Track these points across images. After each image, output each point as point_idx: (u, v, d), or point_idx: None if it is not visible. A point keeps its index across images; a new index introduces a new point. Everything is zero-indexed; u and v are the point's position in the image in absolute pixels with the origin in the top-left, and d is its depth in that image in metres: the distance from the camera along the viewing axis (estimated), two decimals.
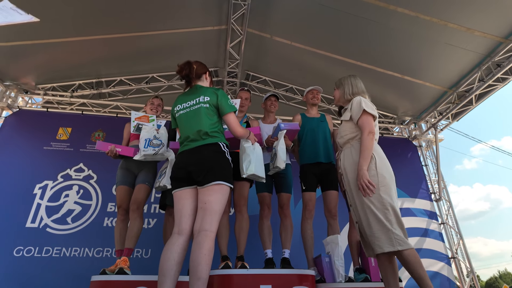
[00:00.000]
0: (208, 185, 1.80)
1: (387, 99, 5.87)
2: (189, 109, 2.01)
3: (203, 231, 1.72)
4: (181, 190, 1.88)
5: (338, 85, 2.37)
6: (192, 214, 1.83)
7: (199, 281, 1.62)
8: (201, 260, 1.64)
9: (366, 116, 2.08)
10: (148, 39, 4.98)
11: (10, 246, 4.00)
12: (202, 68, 2.21)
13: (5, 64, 4.77)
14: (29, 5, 3.93)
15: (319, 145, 2.99)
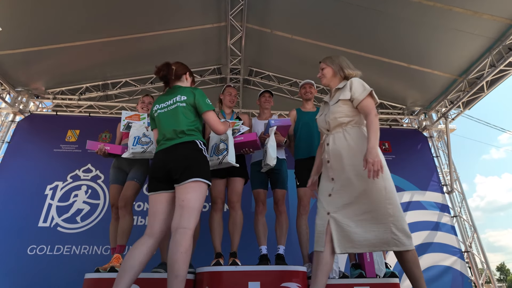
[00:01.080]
0: (185, 183, 1.80)
1: (395, 89, 5.69)
2: (167, 108, 2.02)
3: (181, 229, 1.73)
4: (158, 194, 1.89)
5: (330, 62, 2.14)
6: (166, 218, 1.85)
7: (177, 279, 1.63)
8: (179, 258, 1.66)
9: (371, 98, 1.95)
10: (150, 40, 5.04)
11: (24, 245, 4.18)
12: (182, 69, 2.22)
13: (16, 71, 4.96)
14: (35, 12, 4.10)
15: (314, 140, 2.93)
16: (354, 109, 1.97)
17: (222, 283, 2.16)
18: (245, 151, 2.76)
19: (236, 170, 2.79)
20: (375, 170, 1.71)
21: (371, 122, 1.85)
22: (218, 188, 2.77)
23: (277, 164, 2.86)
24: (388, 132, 5.60)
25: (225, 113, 3.13)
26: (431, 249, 4.65)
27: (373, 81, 5.49)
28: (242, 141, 2.68)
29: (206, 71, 5.90)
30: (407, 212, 4.83)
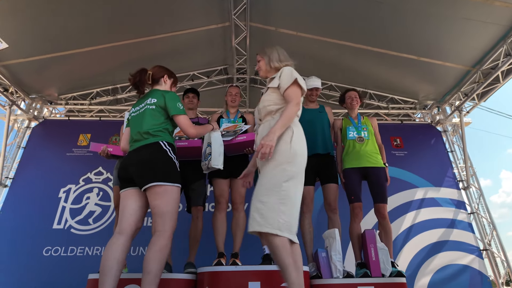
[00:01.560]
0: (149, 187, 1.81)
1: (405, 83, 5.54)
2: (138, 112, 2.04)
3: (157, 232, 1.78)
4: (126, 191, 1.91)
5: (262, 54, 2.10)
6: (133, 214, 1.86)
7: (149, 275, 1.66)
8: (151, 255, 1.71)
9: (296, 87, 1.86)
10: (157, 43, 5.10)
11: (40, 246, 4.32)
12: (159, 72, 2.23)
13: (29, 79, 5.13)
14: (45, 21, 4.22)
15: (317, 137, 2.89)
16: (282, 97, 1.90)
17: (222, 283, 2.15)
18: (247, 150, 2.74)
19: (240, 171, 2.78)
20: (262, 152, 1.64)
21: (286, 109, 1.80)
22: (221, 188, 2.76)
23: None
24: (399, 127, 5.46)
25: (229, 113, 3.12)
26: (447, 247, 4.49)
27: (382, 76, 5.45)
28: (244, 140, 2.66)
29: (213, 71, 5.92)
30: (421, 210, 4.69)
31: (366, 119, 3.08)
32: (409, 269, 4.29)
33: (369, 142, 2.87)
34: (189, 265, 2.53)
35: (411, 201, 4.75)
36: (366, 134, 2.91)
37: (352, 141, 2.90)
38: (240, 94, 3.18)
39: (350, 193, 2.76)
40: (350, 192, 2.76)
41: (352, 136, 2.92)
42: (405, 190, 4.82)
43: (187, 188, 2.77)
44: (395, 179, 4.87)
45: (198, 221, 2.71)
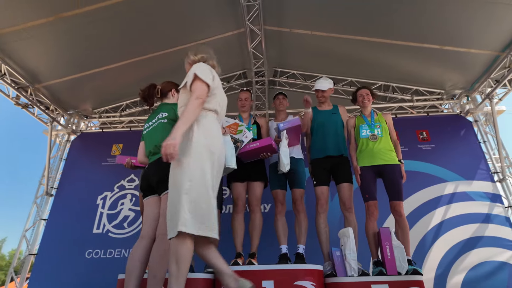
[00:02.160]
0: (164, 194, 1.98)
1: (430, 74, 5.32)
2: (152, 126, 2.21)
3: (160, 235, 1.93)
4: (148, 199, 2.08)
5: (186, 58, 2.10)
6: (155, 220, 2.01)
7: (155, 279, 1.81)
8: (155, 259, 1.86)
9: (198, 82, 1.82)
10: (178, 54, 5.31)
11: (82, 249, 4.73)
12: (168, 86, 2.39)
13: (67, 96, 5.61)
14: (77, 43, 4.61)
15: (328, 139, 2.93)
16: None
17: None
18: (263, 155, 2.84)
19: (255, 174, 2.90)
20: (166, 153, 1.59)
21: (187, 104, 1.73)
22: (238, 191, 2.89)
23: (293, 164, 2.91)
24: (426, 120, 5.26)
25: (242, 118, 3.24)
26: (482, 243, 4.27)
27: (405, 68, 5.30)
28: (258, 147, 2.76)
29: (233, 77, 6.08)
30: (452, 205, 4.49)
31: (380, 115, 3.05)
32: (441, 267, 4.15)
33: (383, 139, 2.85)
34: None
35: (440, 196, 4.57)
36: (380, 131, 2.89)
37: (366, 140, 2.89)
38: (250, 98, 3.28)
39: (364, 192, 2.76)
40: (364, 190, 2.76)
41: (365, 134, 2.91)
42: (433, 185, 4.65)
43: None
44: (422, 174, 4.73)
45: None
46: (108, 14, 4.26)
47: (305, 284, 2.22)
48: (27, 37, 4.30)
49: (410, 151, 4.93)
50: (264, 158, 2.87)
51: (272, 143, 2.73)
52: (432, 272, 4.10)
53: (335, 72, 5.77)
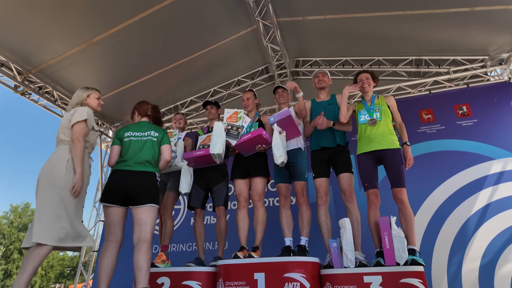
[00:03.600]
0: (143, 206, 2.29)
1: (469, 39, 4.72)
2: (139, 138, 2.48)
3: (142, 238, 2.38)
4: (114, 207, 2.34)
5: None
6: (123, 227, 2.30)
7: (141, 271, 2.18)
8: (143, 256, 2.30)
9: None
10: (200, 59, 5.61)
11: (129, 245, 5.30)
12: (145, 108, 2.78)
13: (111, 111, 6.30)
14: (115, 61, 5.16)
15: (323, 130, 2.87)
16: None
17: (232, 275, 2.40)
18: (259, 148, 2.91)
19: (255, 170, 2.98)
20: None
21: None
22: (240, 187, 3.00)
23: (292, 157, 2.92)
24: (466, 93, 4.70)
25: (248, 117, 3.32)
26: None
27: (437, 37, 4.83)
28: (249, 138, 2.84)
29: (256, 73, 6.16)
30: (499, 185, 3.98)
31: (381, 99, 2.87)
32: (487, 255, 3.73)
33: (381, 123, 2.68)
34: (216, 259, 2.85)
35: (485, 177, 4.07)
36: (379, 115, 2.73)
37: (364, 125, 2.75)
38: (253, 97, 3.34)
39: (363, 180, 2.64)
40: (363, 179, 2.65)
41: (364, 120, 2.77)
42: (476, 165, 4.16)
43: (210, 190, 3.10)
44: (462, 153, 4.28)
45: (221, 219, 3.01)
46: (131, 32, 4.68)
47: (294, 276, 2.25)
48: (67, 64, 4.97)
49: (448, 129, 4.47)
50: (260, 151, 2.93)
51: (263, 133, 2.77)
52: (476, 261, 3.71)
53: (359, 52, 5.47)
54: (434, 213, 4.05)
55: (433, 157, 4.37)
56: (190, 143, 3.41)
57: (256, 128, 3.10)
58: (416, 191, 4.20)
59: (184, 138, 3.36)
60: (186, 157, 3.02)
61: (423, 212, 4.08)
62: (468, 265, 3.71)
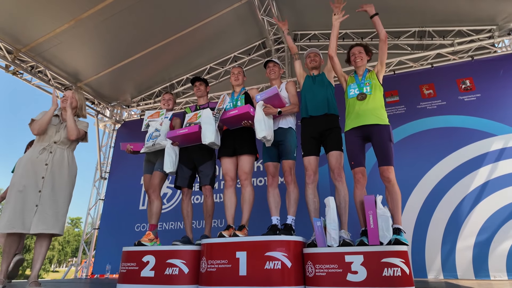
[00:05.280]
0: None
1: (476, 8, 4.44)
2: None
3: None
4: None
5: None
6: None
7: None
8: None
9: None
10: (194, 33, 5.43)
11: (132, 224, 5.41)
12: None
13: (106, 90, 6.24)
14: (107, 39, 5.02)
15: (309, 100, 2.79)
16: None
17: (214, 253, 2.39)
18: (245, 123, 2.84)
19: (242, 148, 2.92)
20: None
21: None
22: (227, 166, 2.94)
23: (280, 135, 2.84)
24: (470, 66, 4.46)
25: (234, 92, 3.23)
26: None
27: (442, 7, 4.53)
28: (236, 114, 2.77)
29: (252, 48, 5.96)
30: (499, 162, 3.84)
31: (372, 73, 2.72)
32: (483, 233, 3.66)
33: (371, 97, 2.55)
34: (203, 237, 2.84)
35: (485, 154, 3.94)
36: (369, 89, 2.59)
37: (352, 100, 2.62)
38: (242, 74, 3.23)
39: (350, 158, 2.55)
40: (350, 157, 2.55)
41: (353, 94, 2.64)
42: (477, 141, 4.02)
43: (197, 170, 3.06)
44: (462, 129, 4.14)
45: (207, 198, 2.98)
46: (120, 7, 4.52)
47: (276, 255, 2.22)
48: (58, 42, 4.86)
49: (449, 105, 4.30)
50: (246, 126, 2.86)
51: (250, 110, 2.69)
52: (471, 238, 3.65)
53: (359, 24, 5.21)
54: (430, 191, 3.97)
55: (432, 134, 4.23)
56: (178, 122, 3.34)
57: (243, 102, 3.02)
58: (413, 168, 4.12)
59: (173, 118, 3.28)
60: (169, 136, 2.97)
61: (419, 191, 4.01)
62: (462, 243, 3.66)
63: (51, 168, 2.52)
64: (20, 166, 2.49)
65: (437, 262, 3.65)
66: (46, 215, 2.40)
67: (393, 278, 1.97)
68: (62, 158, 2.61)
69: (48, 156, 2.55)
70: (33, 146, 2.58)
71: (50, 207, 2.43)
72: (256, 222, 3.11)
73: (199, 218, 4.66)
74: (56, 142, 2.63)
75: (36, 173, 2.46)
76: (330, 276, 2.10)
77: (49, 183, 2.48)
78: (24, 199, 2.37)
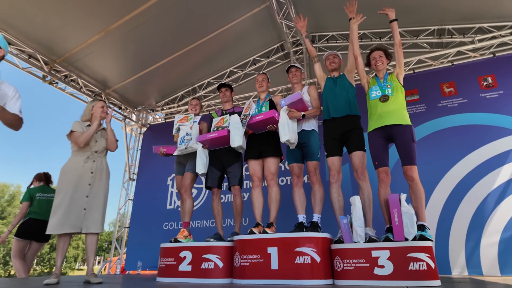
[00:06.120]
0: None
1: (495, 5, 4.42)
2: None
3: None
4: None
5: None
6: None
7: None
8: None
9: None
10: (215, 39, 5.63)
11: (160, 222, 5.68)
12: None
13: (133, 95, 6.53)
14: (132, 48, 5.30)
15: (330, 102, 2.92)
16: None
17: (247, 249, 2.57)
18: (270, 127, 3.01)
19: (267, 151, 3.09)
20: None
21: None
22: (253, 168, 3.13)
23: (304, 137, 2.99)
24: (492, 62, 4.45)
25: (259, 98, 3.39)
26: None
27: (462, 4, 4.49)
28: (262, 119, 2.94)
29: (271, 51, 6.11)
30: None
31: (392, 75, 2.82)
32: (509, 230, 3.68)
33: (393, 99, 2.66)
34: (233, 234, 3.03)
35: (509, 151, 3.93)
36: (390, 91, 2.70)
37: (375, 101, 2.74)
38: (267, 80, 3.39)
39: (373, 159, 2.67)
40: (373, 157, 2.67)
41: (375, 95, 2.75)
42: (500, 138, 4.02)
43: (225, 171, 3.25)
44: (485, 127, 4.15)
45: (236, 198, 3.16)
46: (144, 18, 4.77)
47: (305, 250, 2.37)
48: (89, 52, 5.17)
49: (470, 102, 4.31)
50: (271, 130, 3.02)
51: (275, 115, 2.86)
52: (496, 235, 3.68)
53: (378, 25, 5.26)
54: (453, 188, 4.01)
55: (454, 132, 4.26)
56: (205, 126, 3.54)
57: (267, 108, 3.19)
58: (435, 166, 4.16)
59: (200, 121, 3.48)
60: (200, 140, 3.16)
61: (442, 188, 4.05)
62: (487, 239, 3.69)
63: (95, 175, 2.79)
64: (67, 174, 2.75)
65: (461, 258, 3.70)
66: (93, 218, 2.69)
67: (419, 272, 2.09)
68: (102, 165, 2.89)
69: (92, 165, 2.81)
70: (75, 155, 2.84)
71: (95, 210, 2.72)
72: (282, 220, 3.27)
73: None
74: (96, 152, 2.88)
75: (83, 180, 2.74)
76: (358, 270, 2.24)
77: (93, 189, 2.76)
78: (74, 203, 2.65)
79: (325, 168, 3.20)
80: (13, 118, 2.00)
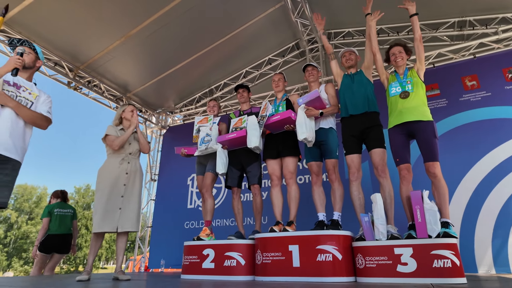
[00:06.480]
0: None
1: None
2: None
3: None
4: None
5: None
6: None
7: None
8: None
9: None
10: (231, 41, 5.71)
11: (182, 221, 5.81)
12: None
13: (152, 98, 6.71)
14: (151, 52, 5.45)
15: (348, 99, 2.91)
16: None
17: (268, 247, 2.60)
18: (287, 127, 3.04)
19: (285, 151, 3.12)
20: None
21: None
22: (272, 167, 3.17)
23: (322, 136, 2.99)
24: None
25: (276, 98, 3.43)
26: None
27: None
28: (279, 119, 2.97)
29: (286, 50, 6.12)
30: None
31: (412, 71, 2.79)
32: None
33: (413, 95, 2.63)
34: (254, 232, 3.08)
35: None
36: (410, 87, 2.67)
37: (395, 98, 2.71)
38: (283, 80, 3.42)
39: (394, 156, 2.64)
40: (395, 154, 2.64)
41: (395, 92, 2.73)
42: None
43: (245, 170, 3.30)
44: (510, 120, 4.01)
45: (256, 197, 3.21)
46: (162, 23, 4.90)
47: (327, 248, 2.38)
48: (110, 58, 5.36)
49: (494, 96, 4.18)
50: (289, 130, 3.05)
51: (292, 115, 2.88)
52: None
53: (396, 19, 5.18)
54: (477, 184, 3.90)
55: (477, 127, 4.14)
56: (224, 127, 3.60)
57: (284, 108, 3.21)
58: (458, 162, 4.07)
59: (219, 122, 3.55)
60: (220, 141, 3.23)
61: (466, 185, 3.95)
62: None
63: (129, 176, 2.90)
64: (104, 176, 2.87)
65: (488, 256, 3.61)
66: (128, 217, 2.80)
67: (444, 269, 2.06)
68: (136, 167, 3.00)
69: (127, 166, 2.93)
70: (111, 157, 2.96)
71: (130, 209, 2.83)
72: (303, 218, 3.29)
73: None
74: (131, 154, 3.00)
75: (119, 181, 2.85)
76: (380, 268, 2.24)
77: (128, 189, 2.87)
78: (110, 203, 2.76)
79: (344, 166, 3.21)
80: (34, 115, 2.19)
